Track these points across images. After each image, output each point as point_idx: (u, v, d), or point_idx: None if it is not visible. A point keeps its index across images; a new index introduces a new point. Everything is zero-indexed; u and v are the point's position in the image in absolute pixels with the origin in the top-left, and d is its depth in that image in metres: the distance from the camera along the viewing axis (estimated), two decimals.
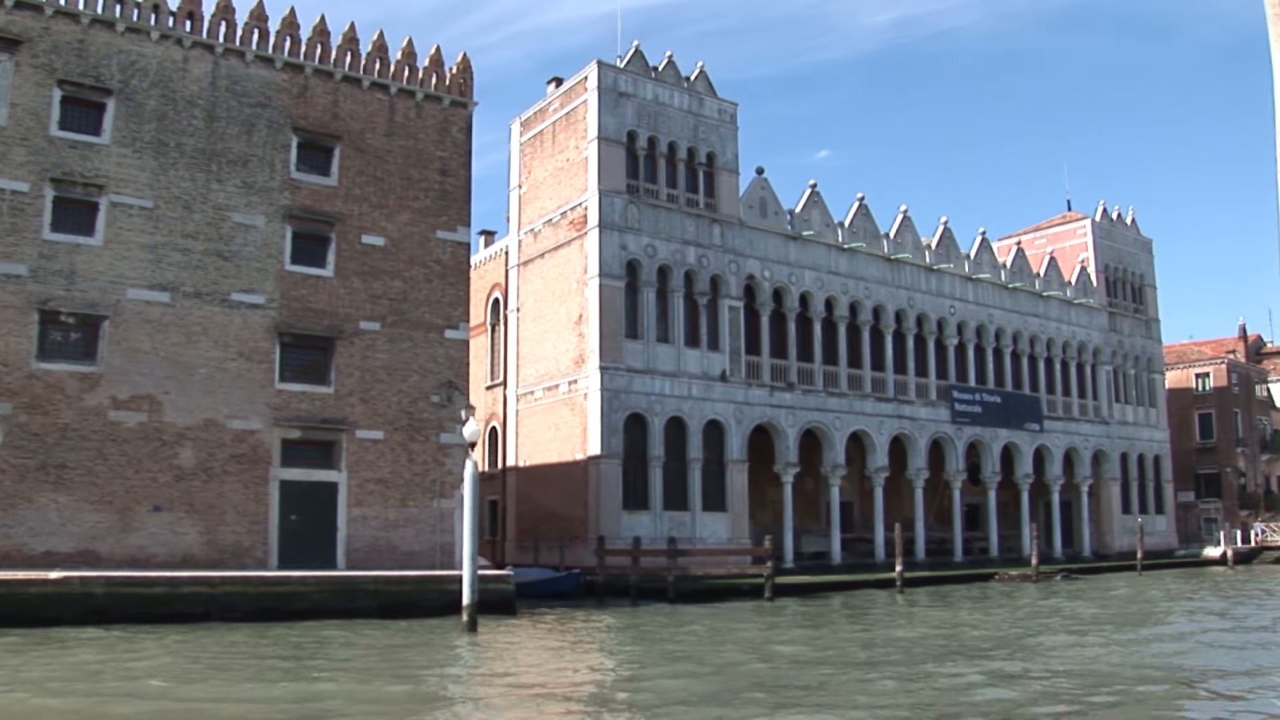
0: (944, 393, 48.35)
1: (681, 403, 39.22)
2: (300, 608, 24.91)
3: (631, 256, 38.83)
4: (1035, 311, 53.27)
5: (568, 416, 39.08)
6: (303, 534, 28.06)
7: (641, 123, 39.94)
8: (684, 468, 39.17)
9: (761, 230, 42.68)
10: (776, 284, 42.78)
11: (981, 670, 16.59)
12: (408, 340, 30.12)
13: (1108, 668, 16.22)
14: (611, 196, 38.72)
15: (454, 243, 31.22)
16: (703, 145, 41.44)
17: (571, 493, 38.41)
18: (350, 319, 29.39)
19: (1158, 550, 56.42)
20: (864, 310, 45.63)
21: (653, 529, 37.68)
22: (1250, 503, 64.48)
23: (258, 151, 28.68)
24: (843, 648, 20.25)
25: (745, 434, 40.77)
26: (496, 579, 28.16)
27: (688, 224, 40.48)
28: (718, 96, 42.30)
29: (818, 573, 41.35)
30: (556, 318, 40.36)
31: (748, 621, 26.45)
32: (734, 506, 40.17)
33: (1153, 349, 59.84)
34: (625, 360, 38.19)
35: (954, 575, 42.59)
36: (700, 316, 40.47)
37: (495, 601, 27.56)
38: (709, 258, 40.72)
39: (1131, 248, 59.96)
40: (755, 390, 41.39)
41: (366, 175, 30.18)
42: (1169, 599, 33.36)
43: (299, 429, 28.35)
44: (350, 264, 29.61)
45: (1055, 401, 53.63)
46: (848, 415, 44.29)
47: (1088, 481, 54.48)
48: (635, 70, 40.33)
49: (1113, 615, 27.10)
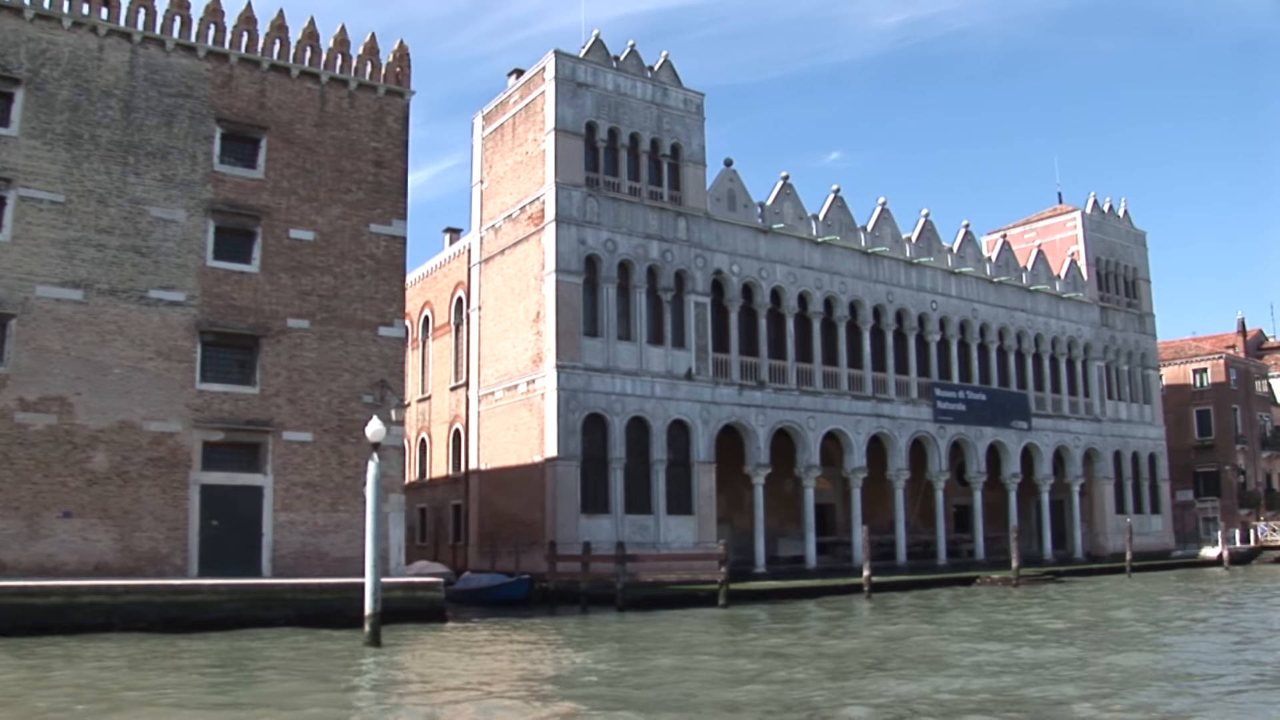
0: (925, 390, 46.83)
1: (644, 402, 37.90)
2: (211, 618, 23.74)
3: (590, 251, 37.56)
4: (1022, 306, 51.65)
5: (526, 418, 37.86)
6: (225, 540, 26.94)
7: (601, 114, 38.67)
8: (647, 470, 37.85)
9: (729, 224, 41.31)
10: (746, 279, 41.41)
11: (874, 689, 15.23)
12: (339, 338, 28.97)
13: (984, 693, 14.77)
14: (569, 190, 37.47)
15: (389, 237, 30.06)
16: (667, 136, 40.14)
17: (530, 496, 37.18)
18: (277, 316, 28.26)
19: (1154, 551, 54.68)
20: (840, 306, 44.19)
21: (613, 533, 36.38)
22: (1250, 501, 62.48)
23: (179, 143, 27.61)
24: (754, 661, 18.92)
25: (712, 434, 39.41)
26: (424, 586, 26.98)
27: (650, 217, 39.18)
28: (683, 87, 41.00)
29: (792, 577, 39.94)
30: (515, 316, 39.17)
31: (687, 631, 25.11)
32: (701, 509, 38.80)
33: (1147, 344, 58.03)
34: (584, 359, 36.91)
35: (934, 579, 41.03)
36: (664, 313, 39.15)
37: (423, 610, 26.45)
38: (673, 252, 39.40)
39: (1124, 240, 58.21)
40: (723, 389, 40.02)
41: (295, 167, 29.06)
42: (1142, 606, 31.82)
43: (221, 431, 27.23)
44: (277, 259, 28.48)
45: (1044, 399, 51.98)
46: (822, 414, 42.85)
47: (1079, 481, 52.79)
48: (595, 60, 39.09)
49: (1057, 630, 25.65)
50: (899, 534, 45.18)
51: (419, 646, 21.37)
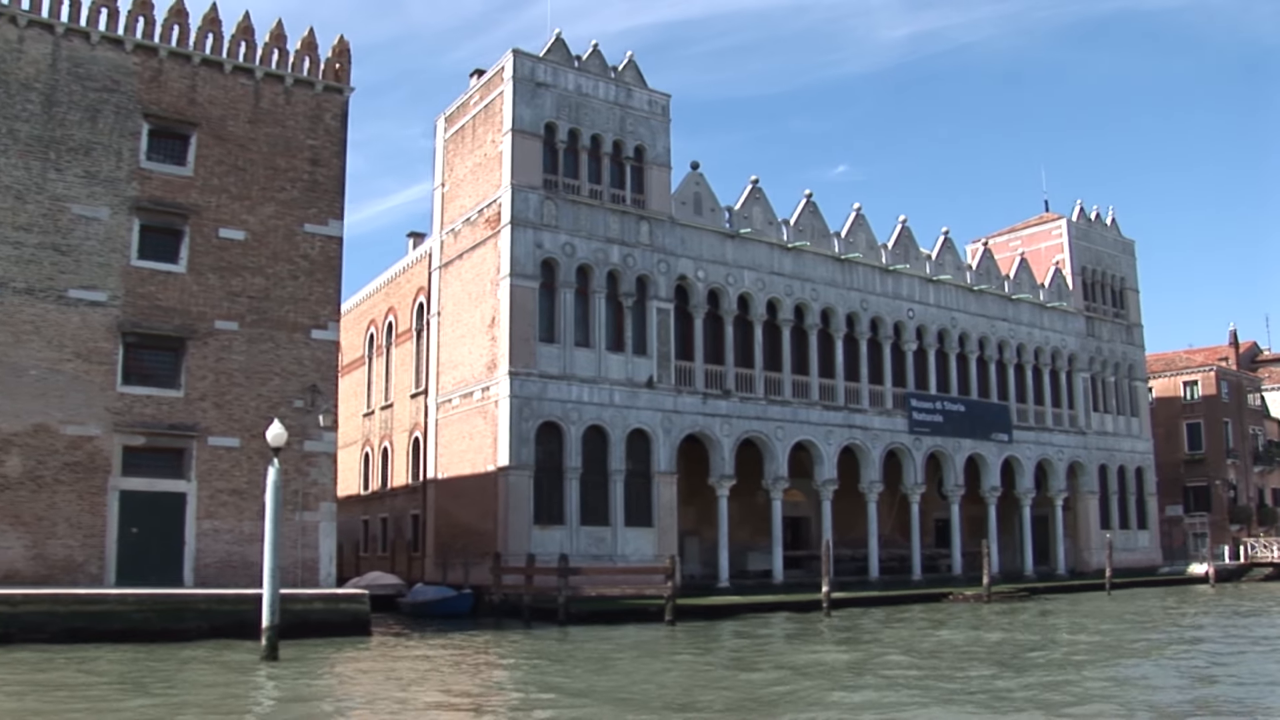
0: (901, 401, 45.64)
1: (602, 410, 36.84)
2: (119, 629, 22.82)
3: (548, 255, 36.57)
4: (1004, 315, 50.42)
5: (481, 426, 36.85)
6: (145, 548, 25.97)
7: (562, 114, 37.72)
8: (605, 480, 36.75)
9: (695, 228, 40.28)
10: (712, 285, 40.35)
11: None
12: (269, 341, 28.02)
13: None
14: (526, 192, 36.50)
15: (324, 237, 29.13)
16: (630, 138, 39.16)
17: (483, 507, 36.12)
18: (204, 318, 27.33)
19: (1140, 568, 53.27)
20: (811, 313, 43.06)
21: (568, 545, 35.30)
22: (1241, 516, 60.90)
23: (103, 139, 26.75)
24: (655, 684, 17.86)
25: (674, 444, 38.31)
26: (348, 598, 25.98)
27: (612, 221, 38.18)
28: (648, 87, 40.04)
29: (758, 592, 38.80)
30: (472, 322, 38.19)
31: (616, 649, 24.03)
32: (661, 521, 37.67)
33: (1134, 355, 56.68)
34: (539, 365, 35.89)
35: (904, 595, 39.83)
36: (625, 319, 38.10)
37: (346, 623, 25.50)
38: (635, 257, 38.39)
39: (1111, 249, 56.94)
40: (686, 397, 38.94)
41: (227, 165, 28.16)
42: (1103, 626, 30.60)
43: (143, 435, 26.29)
44: (206, 259, 27.57)
45: (1026, 410, 50.71)
46: (791, 425, 41.69)
47: (1062, 495, 51.45)
48: (556, 60, 38.16)
49: (997, 655, 24.48)
50: (872, 548, 43.95)
51: (317, 663, 20.33)
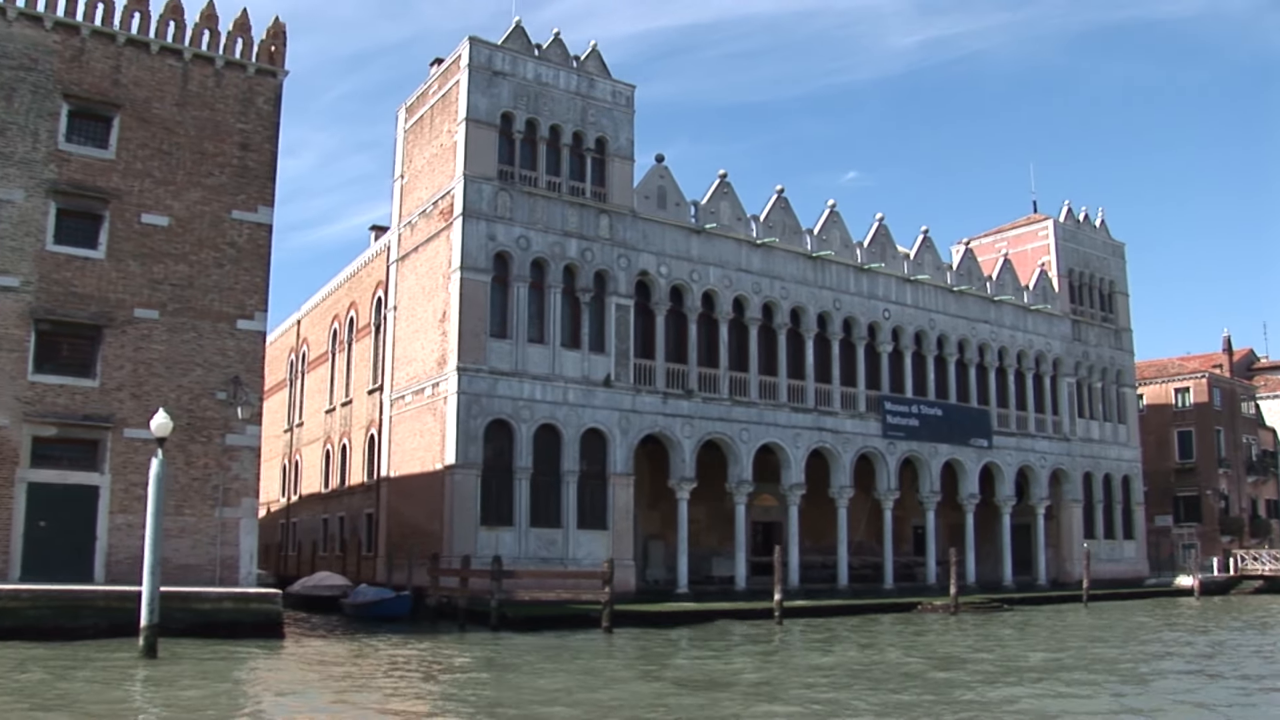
0: (874, 404, 44.38)
1: (555, 409, 35.75)
2: (9, 626, 21.85)
3: (501, 248, 35.54)
4: (985, 317, 49.08)
5: (431, 423, 35.83)
6: (54, 543, 25.02)
7: (519, 104, 36.70)
8: (557, 481, 35.66)
9: (658, 222, 39.16)
10: (675, 281, 39.22)
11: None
12: (192, 330, 27.06)
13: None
14: (479, 183, 35.49)
15: (253, 224, 28.14)
16: (591, 129, 38.10)
17: (432, 506, 35.09)
18: (124, 305, 26.39)
19: (1125, 579, 51.79)
20: (780, 312, 41.86)
21: (517, 548, 34.28)
22: (1233, 528, 59.28)
23: (18, 119, 25.84)
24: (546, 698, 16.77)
25: (631, 445, 37.19)
26: (259, 598, 24.94)
27: (570, 214, 37.12)
28: (611, 78, 38.98)
29: (720, 599, 37.66)
30: (425, 316, 37.19)
31: (531, 658, 22.95)
32: (616, 524, 36.55)
33: (1123, 360, 55.19)
34: (489, 361, 34.84)
35: (871, 605, 38.53)
36: (583, 315, 37.02)
37: (256, 623, 24.48)
38: (594, 251, 37.31)
39: (1100, 251, 55.49)
40: (645, 397, 37.81)
41: (151, 148, 27.22)
42: (1053, 641, 29.32)
43: (54, 426, 25.36)
44: (126, 245, 26.62)
45: (1008, 415, 49.34)
46: (757, 426, 40.49)
47: (1044, 503, 50.03)
48: (515, 49, 37.14)
49: (893, 674, 23.27)
50: (841, 555, 42.69)
51: (195, 665, 19.28)
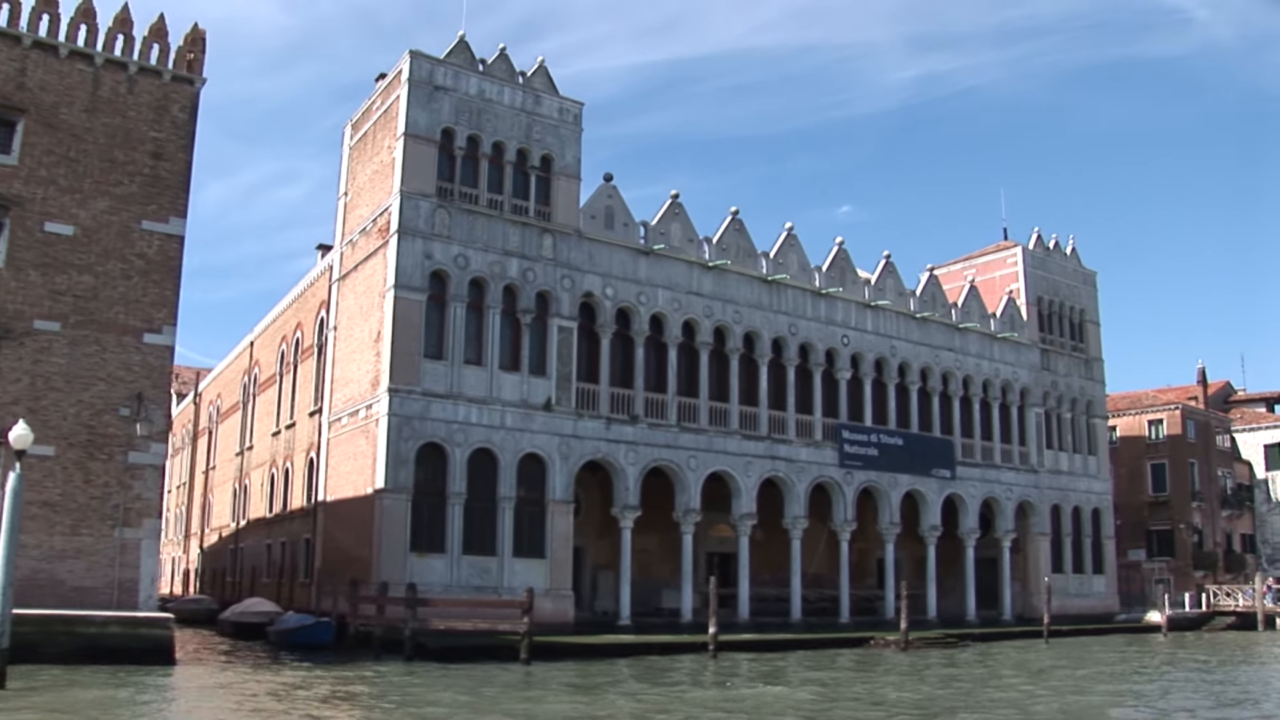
0: (832, 432, 43.24)
1: (492, 433, 34.64)
2: None
3: (438, 267, 34.56)
4: (950, 345, 48.06)
5: (364, 446, 34.70)
6: None
7: (461, 120, 35.85)
8: (493, 507, 34.46)
9: (605, 243, 38.21)
10: (622, 303, 38.21)
11: None
12: (95, 344, 26.01)
13: None
14: (417, 200, 34.57)
15: (163, 235, 27.17)
16: (537, 147, 37.23)
17: (363, 532, 33.90)
18: (21, 316, 25.35)
19: (1094, 614, 50.43)
20: (733, 336, 40.82)
21: (449, 575, 33.10)
22: (1206, 562, 57.91)
23: None
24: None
25: (572, 470, 36.04)
26: (149, 622, 23.79)
27: (511, 233, 36.17)
28: (559, 94, 38.16)
29: (664, 631, 36.37)
30: (362, 336, 36.16)
31: (412, 691, 21.75)
32: (555, 553, 35.33)
33: (1094, 390, 54.08)
34: (423, 383, 33.76)
35: (821, 639, 37.22)
36: (523, 337, 35.99)
37: (146, 649, 23.33)
38: (536, 271, 36.33)
39: (1070, 279, 54.55)
40: (588, 421, 36.68)
41: (57, 155, 26.30)
42: (962, 683, 28.07)
43: None
44: (27, 254, 25.63)
45: (972, 446, 48.19)
46: (706, 454, 39.32)
47: (1010, 535, 48.78)
48: (457, 63, 36.33)
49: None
50: (794, 588, 41.41)
51: (45, 697, 18.05)
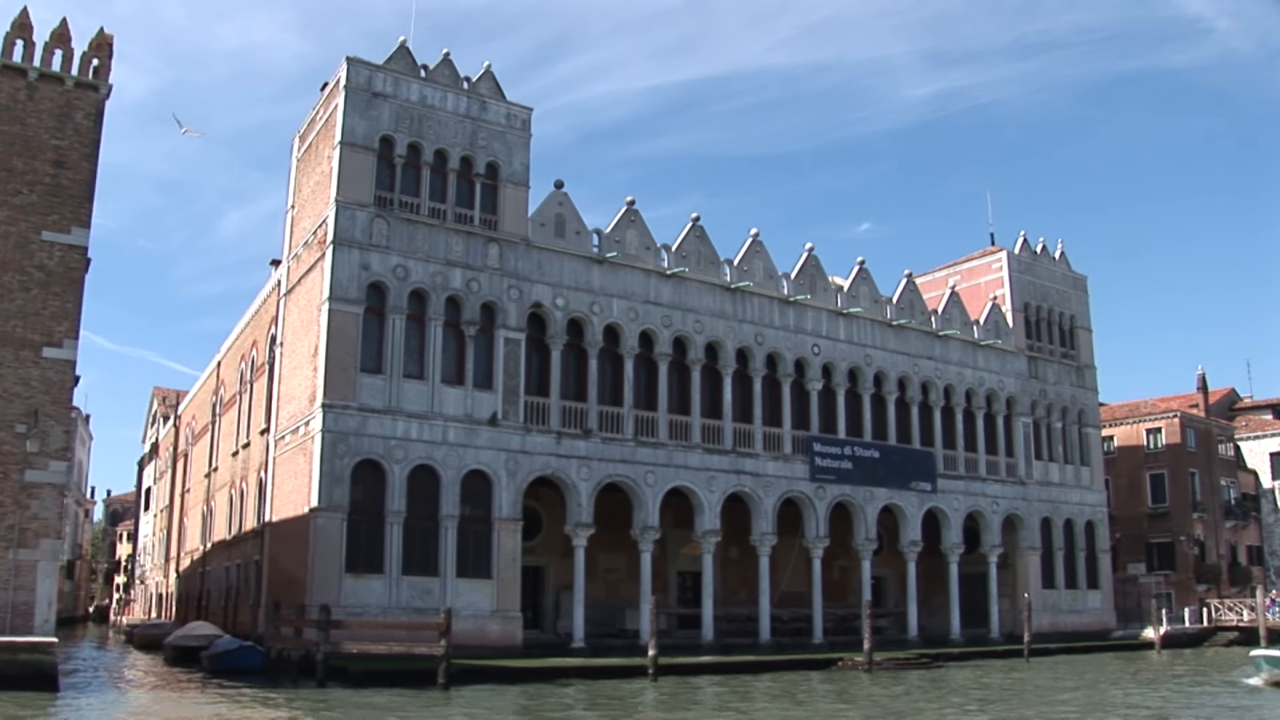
0: (802, 445, 41.66)
1: (434, 449, 33.41)
2: None
3: (376, 278, 33.48)
4: (929, 353, 46.38)
5: (302, 464, 33.58)
6: None
7: (401, 127, 34.84)
8: (435, 526, 33.20)
9: (555, 251, 36.99)
10: (574, 314, 36.94)
11: None
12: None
13: None
14: (353, 210, 33.55)
15: (65, 246, 26.25)
16: (482, 154, 36.13)
17: (301, 552, 32.73)
18: None
19: (1089, 631, 48.33)
20: (694, 347, 39.42)
21: (387, 597, 31.86)
22: (1209, 576, 55.59)
23: None
24: None
25: (520, 487, 34.72)
26: (29, 648, 22.65)
27: (455, 242, 35.04)
28: (506, 100, 37.08)
29: (618, 654, 34.89)
30: (303, 351, 35.12)
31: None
32: (502, 573, 33.99)
33: (1086, 399, 52.10)
34: (359, 398, 32.62)
35: (788, 660, 35.68)
36: (467, 350, 34.78)
37: (28, 676, 22.22)
38: (481, 281, 35.16)
39: (1059, 284, 52.70)
40: (537, 436, 35.38)
41: None
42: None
43: None
44: None
45: (955, 457, 46.40)
46: (665, 469, 37.86)
47: (997, 550, 46.86)
48: (398, 70, 35.34)
49: None
50: (763, 607, 39.81)
51: None
